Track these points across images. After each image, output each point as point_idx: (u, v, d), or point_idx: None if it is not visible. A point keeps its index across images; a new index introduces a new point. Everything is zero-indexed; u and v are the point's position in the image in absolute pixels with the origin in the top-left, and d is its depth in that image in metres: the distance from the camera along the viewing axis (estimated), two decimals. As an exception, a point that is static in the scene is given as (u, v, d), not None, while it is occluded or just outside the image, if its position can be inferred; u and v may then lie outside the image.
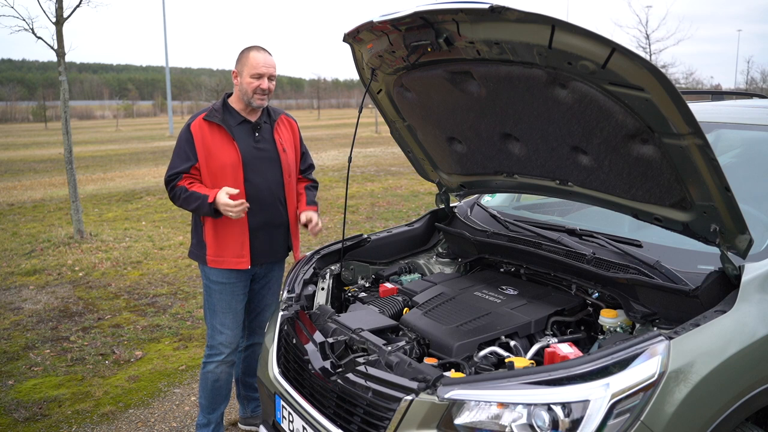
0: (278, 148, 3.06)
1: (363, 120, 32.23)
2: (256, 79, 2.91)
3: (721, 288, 2.01)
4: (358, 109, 2.87)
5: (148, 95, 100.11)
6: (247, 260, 2.99)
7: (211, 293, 3.05)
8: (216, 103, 3.05)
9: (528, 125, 2.28)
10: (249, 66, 2.92)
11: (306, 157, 3.28)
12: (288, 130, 3.18)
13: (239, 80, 2.97)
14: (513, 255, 2.77)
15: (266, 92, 2.95)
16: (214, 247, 2.98)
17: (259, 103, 2.96)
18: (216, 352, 3.06)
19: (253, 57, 2.94)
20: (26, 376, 4.13)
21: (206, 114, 2.97)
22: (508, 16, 1.84)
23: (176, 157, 2.96)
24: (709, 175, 1.86)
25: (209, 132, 2.93)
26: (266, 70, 2.92)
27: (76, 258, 7.09)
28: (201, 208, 2.84)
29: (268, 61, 2.96)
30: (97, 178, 14.91)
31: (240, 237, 2.97)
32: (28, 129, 45.58)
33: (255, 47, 3.00)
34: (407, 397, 1.87)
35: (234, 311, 3.06)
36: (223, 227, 2.95)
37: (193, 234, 3.11)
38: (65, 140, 7.77)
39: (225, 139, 2.94)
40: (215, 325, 3.06)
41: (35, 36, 7.67)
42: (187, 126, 2.96)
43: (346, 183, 2.91)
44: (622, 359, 1.74)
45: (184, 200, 2.89)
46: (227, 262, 2.98)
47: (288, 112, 3.26)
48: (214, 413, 3.14)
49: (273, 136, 3.08)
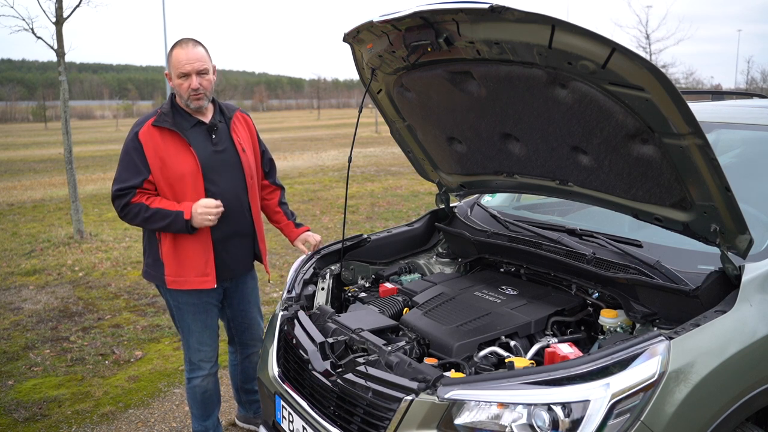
0: (237, 150, 2.80)
1: (363, 120, 32.23)
2: (184, 79, 2.63)
3: (722, 288, 2.01)
4: (358, 109, 2.85)
5: (148, 95, 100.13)
6: (212, 278, 2.74)
7: (182, 314, 2.83)
8: (164, 106, 2.74)
9: (528, 125, 2.27)
10: (173, 66, 2.63)
11: (266, 154, 3.05)
12: (245, 128, 2.92)
13: (172, 83, 2.69)
14: (513, 255, 2.77)
15: (200, 91, 2.64)
16: (174, 266, 2.70)
17: (197, 104, 2.68)
18: (198, 368, 2.93)
19: (175, 55, 2.62)
20: (26, 376, 4.13)
21: (155, 119, 2.66)
22: (508, 16, 1.84)
23: (124, 170, 2.63)
24: (709, 175, 1.86)
25: (161, 139, 2.64)
26: (191, 67, 2.61)
27: (76, 258, 7.09)
28: (173, 225, 2.58)
29: (191, 55, 2.61)
30: (97, 178, 14.91)
31: (203, 253, 2.71)
32: (28, 129, 45.59)
33: (179, 42, 2.66)
34: (407, 398, 1.87)
35: (210, 328, 2.89)
36: (184, 243, 2.68)
37: (146, 252, 2.81)
38: (65, 140, 7.78)
39: (180, 146, 2.66)
40: (192, 344, 2.88)
41: (35, 36, 7.68)
42: (135, 135, 2.64)
43: (346, 183, 2.91)
44: (622, 359, 1.74)
45: (146, 219, 2.60)
46: (189, 282, 2.72)
47: (242, 108, 3.00)
48: (208, 419, 3.07)
49: (231, 137, 2.81)
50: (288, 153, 20.44)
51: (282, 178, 12.25)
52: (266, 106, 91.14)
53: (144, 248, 2.85)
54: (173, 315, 2.92)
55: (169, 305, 2.90)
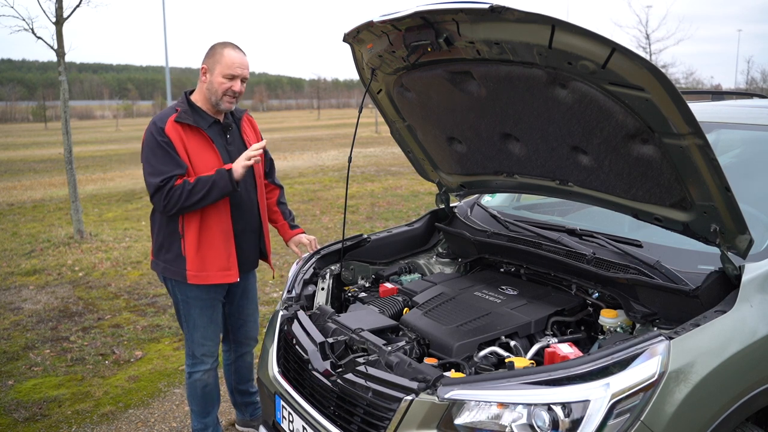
0: (247, 149, 2.84)
1: (363, 120, 32.19)
2: (229, 80, 2.71)
3: (722, 288, 2.01)
4: (358, 109, 2.86)
5: (148, 95, 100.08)
6: (234, 272, 2.80)
7: (189, 309, 2.87)
8: (181, 104, 2.78)
9: (528, 125, 2.28)
10: (223, 64, 2.70)
11: (267, 154, 3.10)
12: (251, 129, 3.02)
13: (208, 77, 2.73)
14: (513, 255, 2.77)
15: (236, 95, 2.76)
16: (197, 261, 2.75)
17: (227, 107, 2.77)
18: (200, 362, 2.97)
19: (228, 55, 2.71)
20: (26, 376, 4.13)
21: (177, 116, 2.70)
22: (508, 16, 1.84)
23: (161, 163, 2.66)
24: (709, 175, 1.86)
25: (185, 135, 2.70)
26: (241, 72, 2.73)
27: (76, 258, 7.09)
28: (217, 184, 2.60)
29: (244, 61, 2.75)
30: (97, 178, 14.91)
31: (226, 247, 2.77)
32: (28, 129, 45.57)
33: (230, 44, 2.77)
34: (407, 397, 1.87)
35: (216, 323, 2.95)
36: (208, 237, 2.74)
37: (165, 248, 2.81)
38: (65, 140, 7.78)
39: (202, 142, 2.74)
40: (196, 338, 2.92)
41: (35, 36, 7.68)
42: (160, 130, 2.67)
43: (346, 183, 2.91)
44: (622, 359, 1.74)
45: (190, 192, 2.61)
46: (211, 277, 2.77)
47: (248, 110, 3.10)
48: (208, 417, 3.08)
49: (241, 137, 2.92)
50: (288, 153, 20.45)
51: (282, 178, 12.24)
52: (266, 106, 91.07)
53: (160, 245, 2.84)
54: (178, 310, 2.94)
55: (175, 300, 2.92)
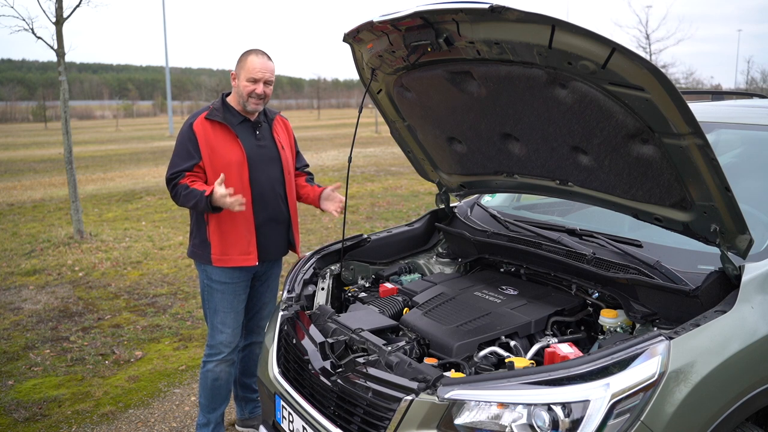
0: (278, 146, 3.11)
1: (363, 120, 32.22)
2: (252, 84, 2.94)
3: (721, 288, 2.01)
4: (358, 109, 2.87)
5: (147, 95, 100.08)
6: (254, 256, 3.00)
7: (212, 293, 3.05)
8: (215, 103, 3.06)
9: (528, 125, 2.28)
10: (246, 70, 2.95)
11: (300, 156, 3.35)
12: (284, 129, 3.24)
13: (237, 82, 3.00)
14: (513, 255, 2.77)
15: (261, 97, 2.98)
16: (220, 246, 2.97)
17: (254, 107, 2.99)
18: (216, 351, 3.07)
19: (251, 61, 2.96)
20: (26, 376, 4.13)
21: (208, 113, 2.98)
22: (508, 16, 1.84)
23: (176, 157, 2.96)
24: (709, 175, 1.87)
25: (212, 131, 2.95)
26: (262, 75, 2.95)
27: (76, 258, 7.09)
28: (199, 203, 2.84)
29: (266, 66, 2.98)
30: (97, 178, 14.91)
31: (246, 234, 2.98)
32: (28, 129, 45.59)
33: (255, 51, 3.02)
34: (407, 397, 1.87)
35: (235, 311, 3.07)
36: (229, 225, 2.96)
37: (194, 233, 3.10)
38: (65, 140, 7.77)
39: (229, 138, 2.97)
40: (216, 324, 3.06)
41: (35, 36, 7.67)
42: (189, 125, 2.97)
43: (346, 183, 2.91)
44: (622, 359, 1.74)
45: (185, 197, 2.88)
46: (233, 260, 2.99)
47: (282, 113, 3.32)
48: (214, 413, 3.14)
49: (272, 135, 3.13)
50: (288, 153, 20.41)
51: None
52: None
53: (191, 231, 3.11)
54: (204, 296, 3.11)
55: (202, 285, 3.11)
